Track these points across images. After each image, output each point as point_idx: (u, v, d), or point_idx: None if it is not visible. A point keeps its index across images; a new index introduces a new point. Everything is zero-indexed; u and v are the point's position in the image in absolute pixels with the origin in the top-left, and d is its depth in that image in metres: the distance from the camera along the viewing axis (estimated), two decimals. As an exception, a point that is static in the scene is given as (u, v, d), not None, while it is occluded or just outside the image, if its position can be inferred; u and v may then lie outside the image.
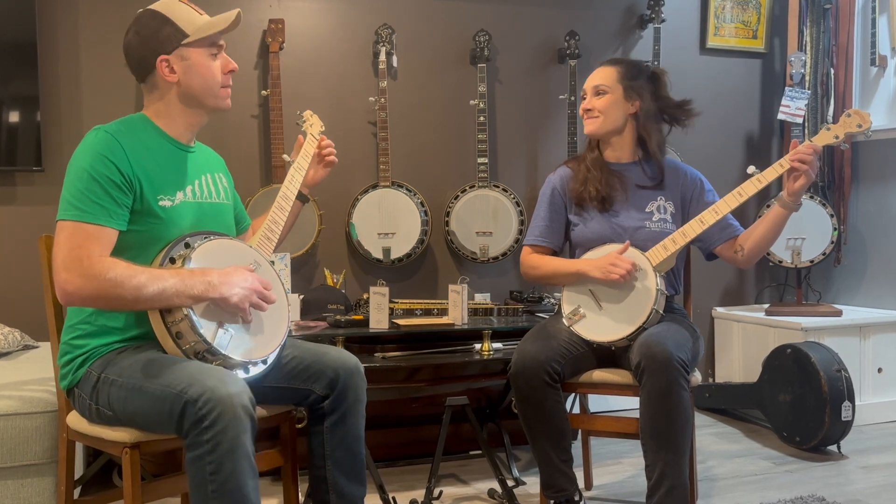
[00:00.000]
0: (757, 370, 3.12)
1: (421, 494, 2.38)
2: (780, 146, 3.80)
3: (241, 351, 1.65)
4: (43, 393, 2.04)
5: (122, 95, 2.94)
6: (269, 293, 1.68)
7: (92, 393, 1.63)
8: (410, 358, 2.61)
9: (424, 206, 3.15)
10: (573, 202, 2.31)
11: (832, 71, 3.54)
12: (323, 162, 2.08)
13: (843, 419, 2.78)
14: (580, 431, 2.63)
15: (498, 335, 2.76)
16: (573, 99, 3.28)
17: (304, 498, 2.02)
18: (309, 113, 2.18)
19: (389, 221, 3.11)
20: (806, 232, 3.39)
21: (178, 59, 1.70)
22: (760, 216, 2.23)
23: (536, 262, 2.30)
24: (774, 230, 2.15)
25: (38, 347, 2.66)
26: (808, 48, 3.56)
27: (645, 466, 1.98)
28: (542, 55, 3.44)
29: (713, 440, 3.10)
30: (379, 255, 3.11)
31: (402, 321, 2.66)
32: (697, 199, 2.29)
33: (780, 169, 2.08)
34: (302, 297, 2.78)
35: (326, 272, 3.02)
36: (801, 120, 3.38)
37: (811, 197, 3.41)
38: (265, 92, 3.02)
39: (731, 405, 3.35)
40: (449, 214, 3.21)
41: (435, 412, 2.71)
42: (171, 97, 1.73)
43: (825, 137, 2.09)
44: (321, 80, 3.18)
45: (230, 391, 1.45)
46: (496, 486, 2.43)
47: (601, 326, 2.14)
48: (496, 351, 2.64)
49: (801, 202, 2.11)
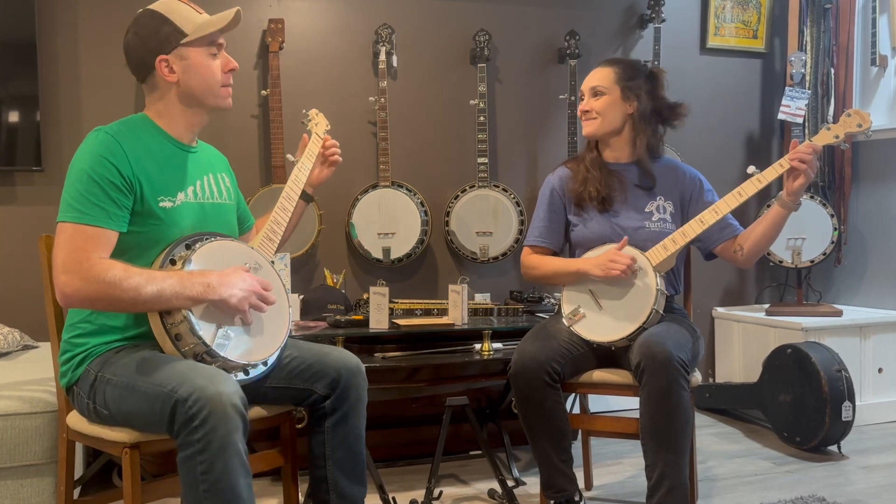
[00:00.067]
0: (757, 370, 3.12)
1: (421, 495, 2.38)
2: (780, 146, 3.80)
3: (240, 352, 1.64)
4: (43, 393, 2.04)
5: (121, 95, 2.94)
6: (268, 294, 1.68)
7: (90, 392, 1.63)
8: (410, 358, 2.60)
9: (424, 206, 3.15)
10: (573, 203, 2.31)
11: (832, 71, 3.54)
12: (327, 162, 2.07)
13: (843, 419, 2.78)
14: (580, 431, 2.63)
15: (498, 335, 2.76)
16: (573, 99, 3.28)
17: (303, 498, 2.02)
18: (314, 112, 2.15)
19: (389, 221, 3.11)
20: (806, 232, 3.38)
21: (177, 58, 1.69)
22: (760, 216, 2.23)
23: (536, 262, 2.30)
24: (774, 230, 2.15)
25: (37, 347, 2.66)
26: (808, 48, 3.56)
27: (645, 466, 1.98)
28: (542, 55, 3.44)
29: (713, 440, 3.09)
30: (379, 255, 3.11)
31: (402, 321, 2.66)
32: (697, 198, 2.29)
33: (780, 169, 2.08)
34: (302, 297, 2.78)
35: (326, 272, 3.02)
36: (801, 120, 3.37)
37: (811, 197, 3.41)
38: (265, 92, 3.02)
39: (731, 405, 3.35)
40: (449, 214, 3.21)
41: (435, 412, 2.71)
42: (171, 97, 1.72)
43: (825, 137, 2.08)
44: (321, 79, 3.18)
45: (220, 390, 1.44)
46: (496, 486, 2.42)
47: (601, 326, 2.14)
48: (496, 351, 2.64)
49: (800, 202, 2.11)
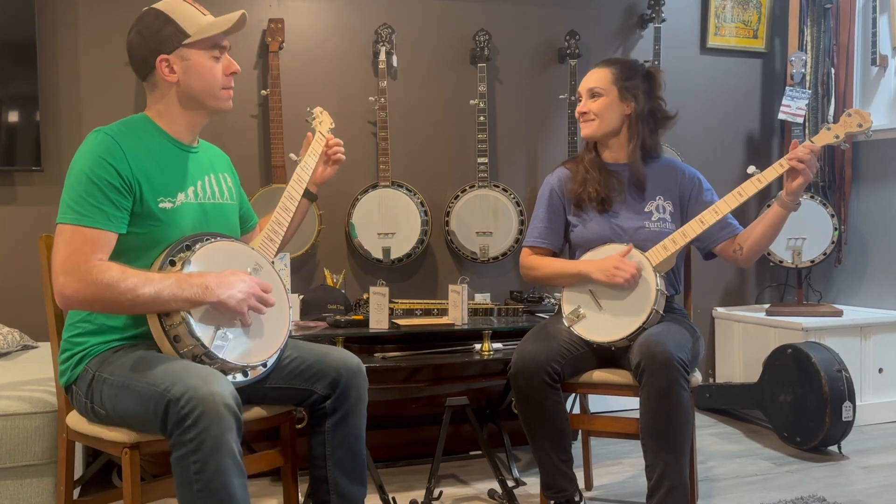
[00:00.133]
0: (757, 370, 3.12)
1: (421, 495, 2.38)
2: (780, 146, 3.79)
3: (239, 354, 1.64)
4: (42, 393, 2.04)
5: (121, 95, 2.94)
6: (267, 296, 1.67)
7: (87, 391, 1.63)
8: (410, 358, 2.60)
9: (424, 205, 3.15)
10: (572, 203, 2.30)
11: (833, 70, 3.54)
12: (330, 160, 2.05)
13: (843, 419, 2.78)
14: (580, 432, 2.63)
15: (498, 335, 2.76)
16: (573, 99, 3.28)
17: (303, 498, 2.02)
18: (319, 110, 2.13)
19: (389, 221, 3.11)
20: (806, 232, 3.38)
21: (178, 59, 1.69)
22: (760, 215, 2.23)
23: (536, 263, 2.30)
24: (773, 229, 2.14)
25: (37, 347, 2.66)
26: (808, 48, 3.55)
27: (645, 467, 1.98)
28: (542, 55, 3.44)
29: (714, 440, 3.09)
30: (379, 255, 3.11)
31: (402, 321, 2.66)
32: (696, 198, 2.28)
33: (779, 169, 2.08)
34: (302, 297, 2.77)
35: (326, 272, 3.01)
36: (801, 120, 3.37)
37: (812, 197, 3.40)
38: (265, 92, 3.02)
39: (731, 405, 3.35)
40: (449, 214, 3.21)
41: (435, 412, 2.71)
42: (171, 97, 1.72)
43: (825, 137, 2.08)
44: (321, 79, 3.17)
45: (212, 390, 1.44)
46: (496, 486, 2.42)
47: (601, 327, 2.14)
48: (496, 351, 2.63)
49: (799, 202, 2.11)
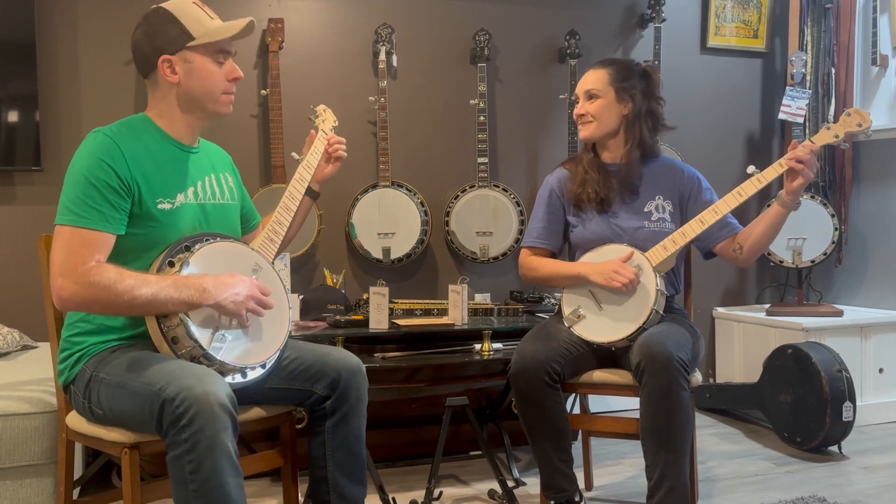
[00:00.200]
0: (758, 370, 3.12)
1: (421, 495, 2.38)
2: (780, 146, 3.79)
3: (238, 355, 1.63)
4: (42, 393, 2.04)
5: (121, 95, 2.93)
6: (266, 299, 1.66)
7: (85, 391, 1.63)
8: (410, 358, 2.60)
9: (424, 205, 3.14)
10: (571, 204, 2.30)
11: (833, 70, 3.53)
12: (331, 158, 2.03)
13: (844, 420, 2.78)
14: (580, 432, 2.63)
15: (498, 335, 2.76)
16: (573, 98, 3.26)
17: (303, 498, 2.01)
18: (322, 108, 2.11)
19: (389, 221, 3.11)
20: (807, 232, 3.38)
21: (181, 60, 1.68)
22: (760, 215, 2.22)
23: (535, 264, 2.29)
24: (773, 229, 2.14)
25: (37, 348, 2.66)
26: (808, 48, 3.55)
27: (645, 467, 1.98)
28: (542, 55, 3.44)
29: (714, 441, 3.09)
30: (379, 255, 3.10)
31: (401, 321, 2.66)
32: (695, 197, 2.28)
33: (779, 169, 2.07)
34: (301, 297, 2.77)
35: (326, 272, 3.01)
36: (801, 120, 3.37)
37: (812, 197, 3.40)
38: (265, 91, 3.01)
39: (731, 405, 3.35)
40: (449, 214, 3.21)
41: (435, 413, 2.71)
42: (171, 98, 1.72)
43: (825, 137, 2.08)
44: (321, 79, 3.17)
45: (207, 389, 1.44)
46: (496, 486, 2.42)
47: (601, 327, 2.13)
48: (496, 351, 2.63)
49: (799, 201, 2.10)
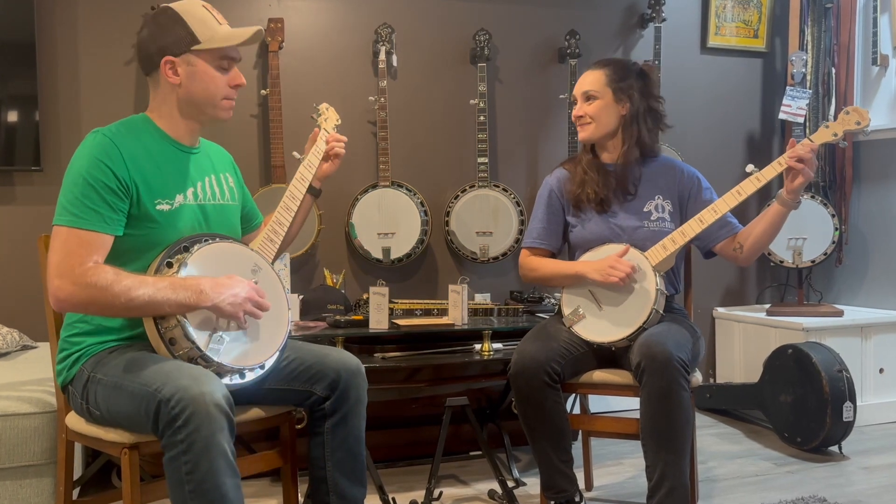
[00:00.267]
0: (758, 371, 3.11)
1: (421, 495, 2.37)
2: (781, 146, 3.79)
3: (236, 356, 1.63)
4: (42, 393, 2.04)
5: (121, 95, 2.93)
6: (263, 301, 1.66)
7: (83, 391, 1.63)
8: (410, 358, 2.60)
9: (424, 205, 3.14)
10: (571, 204, 2.30)
11: (833, 70, 3.53)
12: (329, 156, 2.01)
13: (844, 420, 2.77)
14: (580, 432, 2.63)
15: (498, 335, 2.76)
16: (572, 99, 3.27)
17: (303, 499, 2.01)
18: (325, 106, 2.09)
19: (389, 221, 3.11)
20: (807, 232, 3.38)
21: (184, 63, 1.68)
22: (760, 214, 2.22)
23: (535, 264, 2.29)
24: (774, 228, 2.14)
25: (36, 348, 2.66)
26: (809, 47, 3.55)
27: (645, 467, 1.98)
28: (542, 54, 3.43)
29: (714, 441, 3.09)
30: (379, 255, 3.10)
31: (401, 321, 2.66)
32: (695, 197, 2.28)
33: (778, 168, 2.07)
34: (301, 297, 2.77)
35: (326, 272, 3.01)
36: (802, 119, 3.36)
37: (812, 197, 3.40)
38: (264, 91, 3.01)
39: (732, 406, 3.34)
40: (449, 214, 3.20)
41: (435, 413, 2.70)
42: (171, 99, 1.71)
43: (824, 135, 2.08)
44: (321, 79, 3.17)
45: (202, 390, 1.43)
46: (496, 486, 2.42)
47: (601, 327, 2.13)
48: (496, 351, 2.63)
49: (800, 200, 2.10)
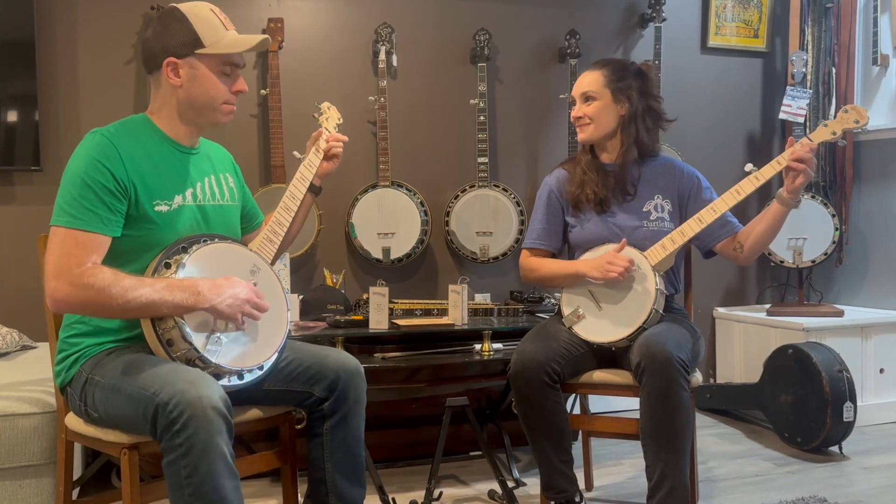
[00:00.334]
0: (758, 371, 3.11)
1: (421, 495, 2.37)
2: (781, 146, 3.78)
3: (234, 357, 1.62)
4: (41, 393, 2.03)
5: (120, 95, 2.93)
6: (261, 302, 1.65)
7: (81, 393, 1.63)
8: (410, 358, 2.60)
9: (424, 205, 3.14)
10: (570, 205, 2.30)
11: (834, 70, 3.53)
12: (327, 156, 2.00)
13: (844, 420, 2.77)
14: (580, 432, 2.63)
15: (498, 335, 2.75)
16: (571, 100, 3.27)
17: (303, 499, 2.01)
18: (326, 105, 2.07)
19: (389, 221, 3.10)
20: (807, 232, 3.37)
21: (187, 66, 1.67)
22: (761, 213, 2.22)
23: (535, 264, 2.29)
24: (774, 227, 2.14)
25: (36, 348, 2.66)
26: (809, 47, 3.55)
27: (645, 467, 1.98)
28: (542, 54, 3.43)
29: (714, 441, 3.09)
30: (379, 255, 3.10)
31: (401, 321, 2.65)
32: (695, 196, 2.27)
33: (777, 167, 2.07)
34: (301, 297, 2.77)
35: (326, 272, 3.01)
36: (802, 119, 3.36)
37: (812, 197, 3.40)
38: (264, 91, 3.01)
39: (732, 406, 3.34)
40: (449, 214, 3.20)
41: (435, 413, 2.70)
42: (171, 100, 1.71)
43: (823, 134, 2.08)
44: (321, 79, 3.17)
45: (200, 393, 1.43)
46: (496, 487, 2.42)
47: (601, 327, 2.13)
48: (496, 351, 2.63)
49: (800, 199, 2.10)
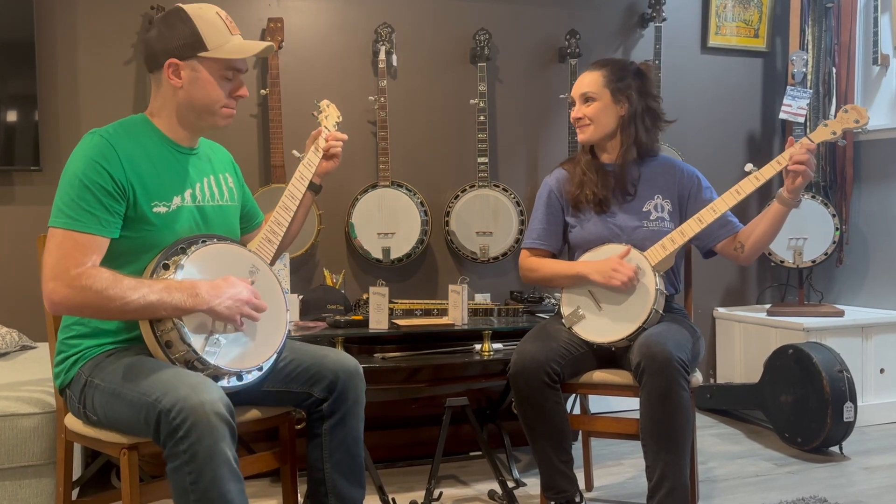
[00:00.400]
0: (758, 371, 3.11)
1: (421, 496, 2.37)
2: (781, 146, 3.78)
3: (233, 359, 1.62)
4: (41, 393, 2.03)
5: (120, 95, 2.93)
6: (260, 303, 1.65)
7: (80, 396, 1.62)
8: (410, 358, 2.60)
9: (424, 205, 3.14)
10: (570, 205, 2.30)
11: (834, 70, 3.53)
12: (326, 155, 1.99)
13: (844, 420, 2.77)
14: (580, 432, 2.62)
15: (498, 335, 2.75)
16: (571, 100, 3.27)
17: (302, 499, 2.01)
18: (325, 103, 2.06)
19: (389, 221, 3.10)
20: (808, 232, 3.37)
21: (188, 68, 1.66)
22: (761, 213, 2.22)
23: (535, 264, 2.29)
24: (774, 227, 2.13)
25: (36, 348, 2.66)
26: (809, 47, 3.54)
27: (645, 467, 1.98)
28: (542, 54, 3.43)
29: (714, 441, 3.08)
30: (379, 255, 3.10)
31: (401, 321, 2.65)
32: (695, 196, 2.27)
33: (777, 166, 2.07)
34: (301, 297, 2.77)
35: (326, 272, 3.01)
36: (802, 119, 3.36)
37: (813, 196, 3.40)
38: (264, 91, 3.01)
39: (732, 406, 3.34)
40: (449, 214, 3.20)
41: (435, 413, 2.70)
42: (171, 102, 1.70)
43: (823, 134, 2.08)
44: (320, 79, 3.17)
45: (203, 399, 1.43)
46: (496, 487, 2.41)
47: (601, 327, 2.13)
48: (496, 351, 2.63)
49: (800, 199, 2.10)
